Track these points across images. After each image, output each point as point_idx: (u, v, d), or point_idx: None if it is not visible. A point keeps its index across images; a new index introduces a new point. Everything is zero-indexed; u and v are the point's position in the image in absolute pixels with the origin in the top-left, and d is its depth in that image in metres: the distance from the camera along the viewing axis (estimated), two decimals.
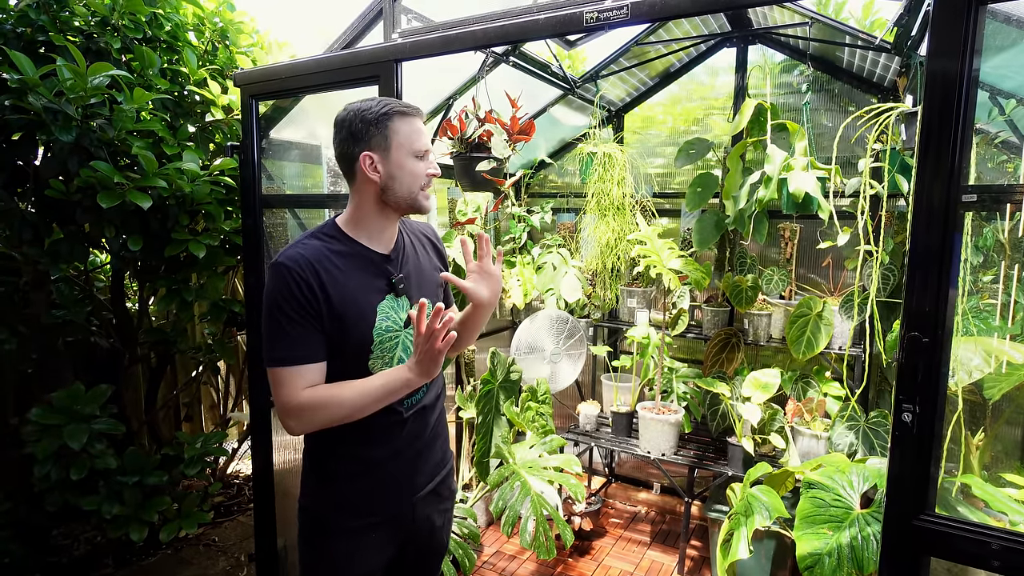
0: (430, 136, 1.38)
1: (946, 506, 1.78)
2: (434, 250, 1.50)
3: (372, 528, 1.35)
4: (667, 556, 2.96)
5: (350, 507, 1.34)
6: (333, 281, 1.23)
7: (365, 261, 1.30)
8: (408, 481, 1.39)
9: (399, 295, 1.33)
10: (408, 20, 2.01)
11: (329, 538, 1.34)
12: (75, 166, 2.06)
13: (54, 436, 2.15)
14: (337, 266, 1.25)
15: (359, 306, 1.26)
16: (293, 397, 1.20)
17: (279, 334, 1.21)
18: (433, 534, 1.48)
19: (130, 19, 2.30)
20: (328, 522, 1.34)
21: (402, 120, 1.25)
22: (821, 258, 2.93)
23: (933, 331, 1.14)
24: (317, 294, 1.21)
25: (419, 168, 1.27)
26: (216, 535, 2.97)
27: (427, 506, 1.44)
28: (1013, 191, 1.25)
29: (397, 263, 1.35)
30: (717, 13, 2.74)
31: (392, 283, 1.32)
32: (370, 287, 1.29)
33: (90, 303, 2.54)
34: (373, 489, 1.34)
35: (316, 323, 1.22)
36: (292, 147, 2.51)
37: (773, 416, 2.59)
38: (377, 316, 1.28)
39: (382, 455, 1.34)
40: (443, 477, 1.49)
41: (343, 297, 1.24)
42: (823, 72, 2.92)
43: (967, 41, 1.08)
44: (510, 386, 2.70)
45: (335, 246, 1.28)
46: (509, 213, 3.34)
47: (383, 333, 1.29)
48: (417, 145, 1.26)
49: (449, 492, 1.53)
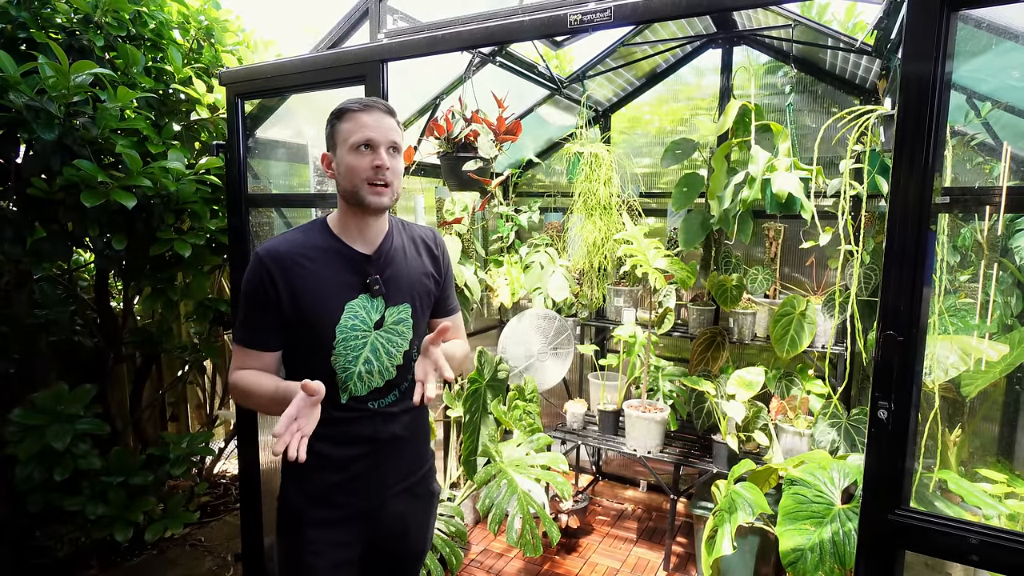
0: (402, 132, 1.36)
1: (924, 501, 1.81)
2: (429, 255, 1.47)
3: (342, 521, 1.37)
4: (653, 553, 2.99)
5: (320, 499, 1.36)
6: (299, 275, 1.27)
7: (342, 258, 1.31)
8: (378, 479, 1.39)
9: (374, 296, 1.33)
10: (394, 20, 2.01)
11: (301, 528, 1.36)
12: (58, 165, 2.04)
13: (37, 437, 2.13)
14: (310, 259, 1.28)
15: (324, 302, 1.28)
16: (233, 373, 1.32)
17: (241, 314, 1.31)
18: (408, 534, 1.47)
19: (113, 16, 2.28)
20: (300, 513, 1.37)
21: (349, 117, 1.27)
22: (805, 258, 2.96)
23: (908, 330, 1.17)
24: (278, 285, 1.25)
25: (359, 162, 1.25)
26: (202, 535, 2.95)
27: (399, 504, 1.43)
28: (988, 193, 1.28)
29: (378, 264, 1.34)
30: (700, 16, 2.76)
31: (367, 283, 1.31)
32: (341, 284, 1.30)
33: (74, 302, 2.52)
34: (342, 483, 1.36)
35: (272, 313, 1.27)
36: (278, 146, 2.50)
37: (757, 414, 2.62)
38: (344, 314, 1.29)
39: (349, 453, 1.35)
40: (420, 477, 1.49)
41: (307, 291, 1.27)
42: (807, 74, 2.96)
43: (940, 45, 1.10)
44: (497, 385, 2.71)
45: (316, 240, 1.31)
46: (497, 212, 3.35)
47: (347, 331, 1.30)
48: (354, 139, 1.25)
49: (427, 492, 1.52)
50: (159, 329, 2.71)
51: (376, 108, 1.28)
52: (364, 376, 1.33)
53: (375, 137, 1.25)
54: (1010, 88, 1.95)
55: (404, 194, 3.06)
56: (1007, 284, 2.10)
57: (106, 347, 2.63)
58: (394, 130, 1.29)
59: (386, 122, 1.28)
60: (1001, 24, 1.53)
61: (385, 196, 1.28)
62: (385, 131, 1.27)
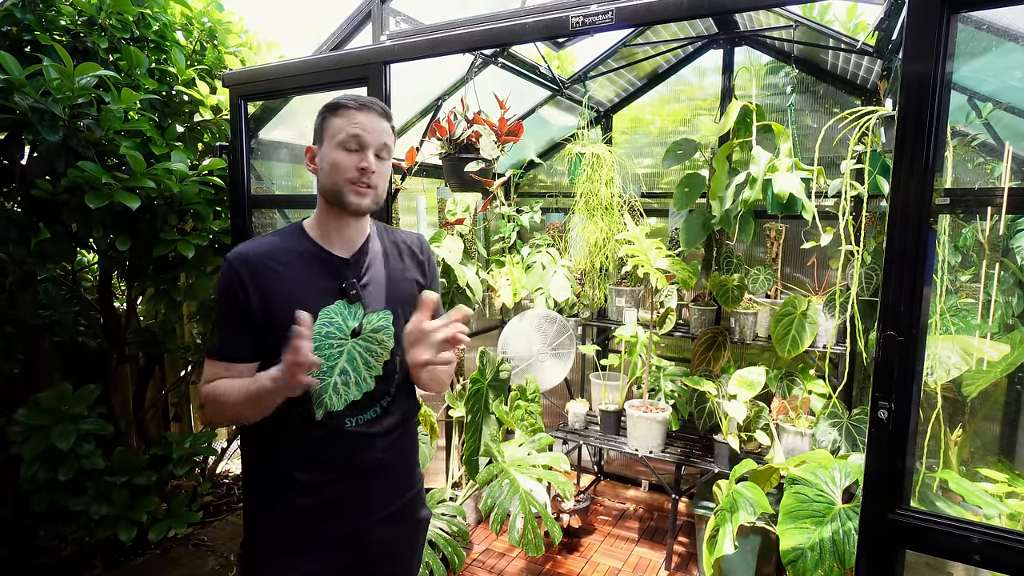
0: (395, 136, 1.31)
1: (926, 501, 1.82)
2: (413, 261, 1.38)
3: (313, 549, 1.27)
4: (655, 552, 2.99)
5: (289, 527, 1.26)
6: (270, 279, 1.20)
7: (318, 263, 1.25)
8: (356, 505, 1.29)
9: (352, 302, 1.25)
10: (396, 22, 2.02)
11: (268, 556, 1.28)
12: (62, 166, 2.06)
13: (41, 437, 2.14)
14: (282, 263, 1.22)
15: (296, 308, 1.17)
16: (203, 386, 1.23)
17: (217, 326, 1.24)
18: (394, 561, 1.39)
19: (117, 19, 2.29)
20: (267, 541, 1.28)
21: (342, 112, 1.21)
22: (806, 258, 2.97)
23: (908, 330, 1.17)
24: (248, 290, 1.19)
25: (346, 160, 1.19)
26: (205, 535, 2.96)
27: (383, 531, 1.33)
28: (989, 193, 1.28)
29: (356, 268, 1.27)
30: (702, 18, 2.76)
31: (343, 287, 1.24)
32: (316, 290, 1.23)
33: (77, 303, 2.53)
34: (313, 508, 1.26)
35: (245, 321, 1.21)
36: (281, 147, 2.51)
37: (758, 414, 2.63)
38: (318, 320, 1.22)
39: (321, 478, 1.26)
40: (405, 502, 1.39)
41: (279, 296, 1.20)
42: (808, 74, 2.96)
43: (940, 46, 1.11)
44: (499, 385, 2.72)
45: (291, 244, 1.25)
46: (499, 213, 3.36)
47: (321, 339, 1.21)
48: (343, 136, 1.19)
49: (413, 519, 1.42)
50: (162, 329, 2.72)
51: (372, 109, 1.23)
52: (340, 388, 1.24)
53: (366, 137, 1.20)
54: (1011, 89, 1.95)
55: (406, 195, 3.07)
56: (1008, 284, 2.10)
57: (110, 347, 2.64)
58: (387, 133, 1.24)
59: (380, 124, 1.22)
60: (1002, 25, 1.54)
61: (367, 198, 1.22)
62: (377, 133, 1.22)
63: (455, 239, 2.79)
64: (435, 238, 2.76)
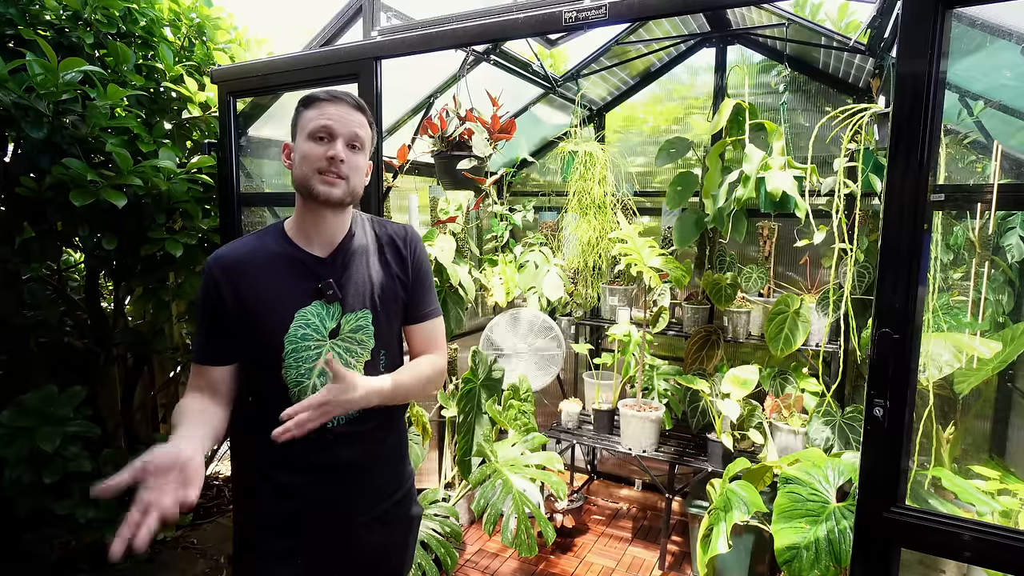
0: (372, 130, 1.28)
1: (918, 499, 1.82)
2: (395, 255, 1.33)
3: (301, 551, 1.26)
4: (648, 552, 2.99)
5: (275, 529, 1.26)
6: (246, 282, 1.19)
7: (294, 263, 1.22)
8: (341, 507, 1.28)
9: (329, 302, 1.22)
10: (388, 18, 2.00)
11: (256, 558, 1.27)
12: (47, 163, 2.02)
13: (26, 439, 2.10)
14: (258, 266, 1.20)
15: (272, 310, 1.19)
16: (185, 393, 1.23)
17: (197, 330, 1.24)
18: (388, 559, 1.38)
19: (103, 13, 2.25)
20: (255, 544, 1.27)
21: (314, 105, 1.20)
22: (799, 256, 2.97)
23: (903, 328, 1.17)
24: (223, 294, 1.18)
25: (315, 150, 1.18)
26: (195, 537, 2.93)
27: (371, 533, 1.32)
28: (980, 190, 1.28)
29: (333, 267, 1.24)
30: (695, 13, 2.76)
31: (319, 288, 1.22)
32: (292, 291, 1.21)
33: (63, 303, 2.49)
34: (299, 513, 1.26)
35: (219, 324, 1.20)
36: (271, 145, 2.48)
37: (752, 412, 2.63)
38: (294, 323, 1.19)
39: (303, 480, 1.24)
40: (394, 503, 1.37)
41: (253, 299, 1.18)
42: (800, 73, 2.96)
43: (934, 43, 1.11)
44: (492, 384, 2.70)
45: (269, 245, 1.24)
46: (491, 211, 3.34)
47: (297, 341, 1.19)
48: (312, 127, 1.18)
49: (402, 519, 1.40)
50: (150, 330, 2.68)
51: (344, 100, 1.21)
52: (319, 390, 1.19)
53: (335, 127, 1.18)
54: (1002, 87, 1.96)
55: (398, 193, 3.05)
56: (999, 282, 2.11)
57: (97, 348, 2.60)
58: (359, 125, 1.21)
59: (352, 115, 1.20)
60: (994, 23, 1.54)
61: (337, 188, 1.19)
62: (348, 123, 1.19)
63: (447, 238, 2.77)
64: (427, 236, 2.74)
